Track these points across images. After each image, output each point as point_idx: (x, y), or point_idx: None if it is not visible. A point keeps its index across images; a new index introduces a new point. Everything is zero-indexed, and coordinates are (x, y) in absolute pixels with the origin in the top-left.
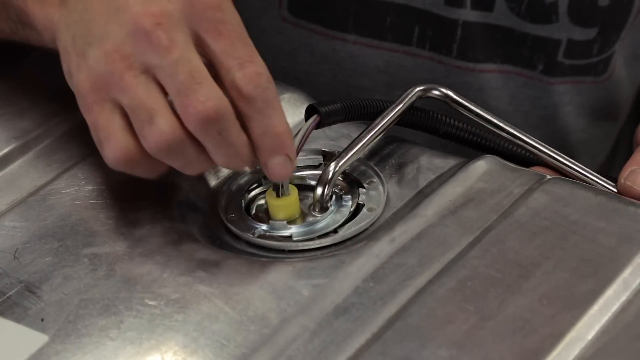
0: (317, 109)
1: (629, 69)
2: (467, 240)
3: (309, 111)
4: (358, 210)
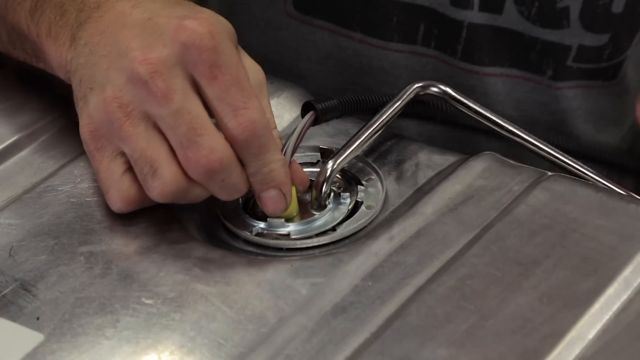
0: (314, 106)
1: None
2: (467, 239)
3: (306, 108)
4: (356, 207)
